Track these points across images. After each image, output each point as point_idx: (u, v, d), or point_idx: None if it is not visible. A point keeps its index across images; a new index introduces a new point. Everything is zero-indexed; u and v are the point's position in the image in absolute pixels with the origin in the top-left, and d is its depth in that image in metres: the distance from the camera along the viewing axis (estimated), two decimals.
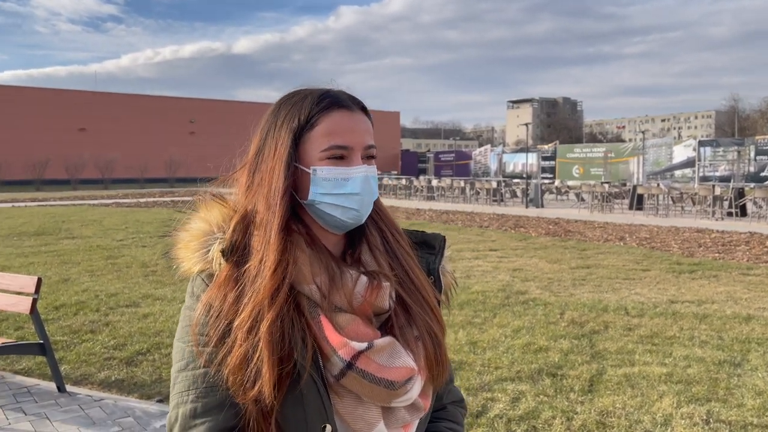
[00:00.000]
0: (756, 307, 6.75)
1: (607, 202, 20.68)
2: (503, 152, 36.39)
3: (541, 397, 4.18)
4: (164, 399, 4.23)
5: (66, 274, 8.83)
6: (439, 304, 1.12)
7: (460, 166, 38.72)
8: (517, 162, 33.50)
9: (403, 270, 1.08)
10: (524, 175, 27.95)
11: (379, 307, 1.03)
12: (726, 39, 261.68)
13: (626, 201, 21.75)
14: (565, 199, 26.26)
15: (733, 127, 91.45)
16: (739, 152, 24.23)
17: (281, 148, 1.03)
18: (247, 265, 0.99)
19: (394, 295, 1.05)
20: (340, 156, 1.03)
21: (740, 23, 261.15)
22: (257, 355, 0.93)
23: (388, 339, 1.01)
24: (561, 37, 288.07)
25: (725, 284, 8.06)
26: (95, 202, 26.63)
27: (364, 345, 0.97)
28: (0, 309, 4.94)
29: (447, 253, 1.19)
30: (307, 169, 1.03)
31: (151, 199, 28.11)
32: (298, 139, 1.03)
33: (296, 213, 1.05)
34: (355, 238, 1.10)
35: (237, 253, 1.01)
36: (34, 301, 4.21)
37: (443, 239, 1.20)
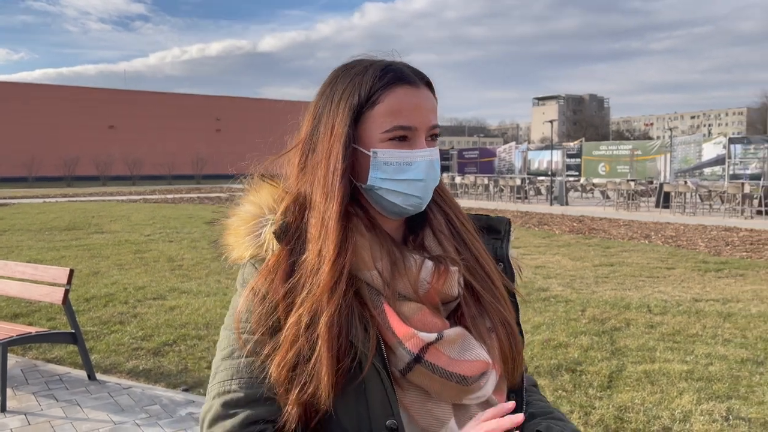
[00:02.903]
0: None
1: (632, 200, 20.44)
2: (528, 149, 36.10)
3: (560, 392, 4.20)
4: (189, 388, 4.36)
5: (96, 268, 9.06)
6: (512, 295, 1.04)
7: (484, 164, 38.58)
8: (542, 159, 33.20)
9: (472, 256, 0.99)
10: (549, 173, 27.73)
11: (447, 295, 0.95)
12: (756, 34, 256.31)
13: (652, 199, 21.45)
14: (590, 196, 26.00)
15: (765, 124, 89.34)
16: None
17: (339, 126, 0.93)
18: (303, 255, 0.91)
19: (462, 282, 0.96)
20: (403, 137, 0.93)
21: None
22: (315, 355, 0.86)
23: (458, 329, 0.93)
24: (587, 33, 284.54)
25: (752, 283, 7.95)
26: (123, 198, 27.16)
27: (433, 336, 0.89)
28: (33, 299, 5.12)
29: (512, 237, 1.10)
30: (366, 152, 0.94)
31: (178, 196, 28.59)
32: (357, 118, 0.94)
33: (353, 196, 0.96)
34: (416, 222, 1.01)
35: (291, 236, 0.93)
36: (66, 292, 4.36)
37: (508, 222, 1.11)
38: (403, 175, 0.93)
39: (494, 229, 1.09)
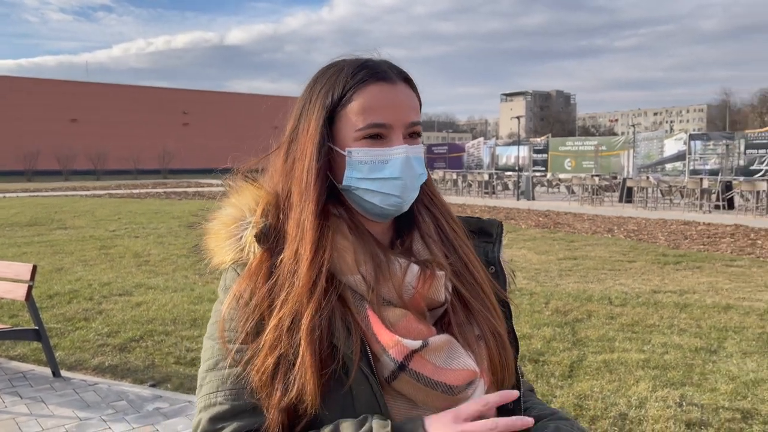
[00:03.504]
0: (736, 297, 6.92)
1: (597, 194, 20.87)
2: (496, 145, 36.51)
3: None
4: (157, 383, 4.35)
5: (59, 264, 8.91)
6: (503, 303, 1.01)
7: (452, 159, 38.85)
8: (510, 155, 33.62)
9: (461, 262, 0.97)
10: (516, 168, 28.11)
11: (434, 300, 0.92)
12: (717, 32, 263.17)
13: (616, 194, 21.94)
14: (556, 191, 26.45)
15: (724, 121, 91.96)
16: (727, 146, 24.44)
17: (312, 126, 0.93)
18: (281, 255, 0.90)
19: (450, 287, 0.94)
20: (377, 135, 0.92)
21: (731, 16, 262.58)
22: (299, 358, 0.84)
23: (445, 337, 0.90)
24: (555, 30, 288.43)
25: (708, 275, 8.24)
26: (87, 193, 26.62)
27: (418, 343, 0.87)
28: None
29: (504, 240, 1.08)
30: (342, 151, 0.92)
31: (144, 191, 28.13)
32: (332, 117, 0.93)
33: (338, 197, 0.95)
34: (404, 226, 0.99)
35: (272, 238, 0.92)
36: (30, 288, 4.31)
37: (500, 225, 1.09)
38: (379, 174, 0.91)
39: (485, 232, 1.07)
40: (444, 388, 0.87)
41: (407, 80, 0.96)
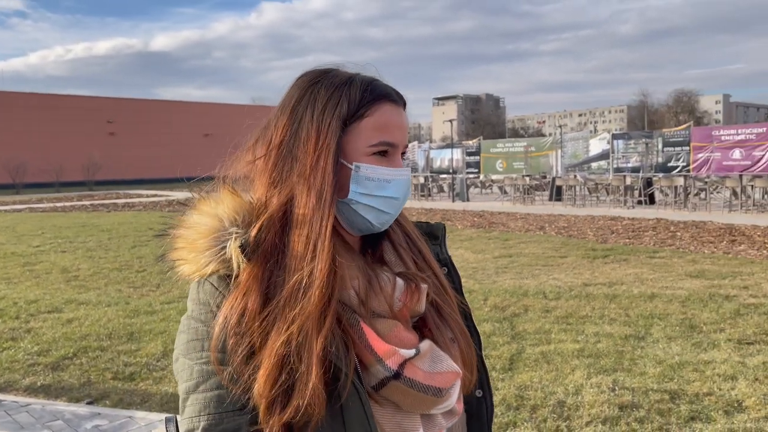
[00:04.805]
0: (659, 286, 7.33)
1: (528, 194, 21.55)
2: (430, 148, 37.06)
3: None
4: (94, 401, 4.21)
5: None
6: (461, 301, 1.07)
7: None
8: (444, 157, 34.22)
9: (430, 269, 1.01)
10: (450, 170, 28.63)
11: (417, 312, 0.97)
12: (633, 36, 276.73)
13: (546, 193, 22.71)
14: (489, 192, 27.10)
15: (643, 120, 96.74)
16: (647, 144, 25.76)
17: (328, 136, 0.89)
18: (283, 274, 0.87)
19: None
20: (384, 152, 0.93)
21: (645, 21, 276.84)
22: (308, 378, 0.84)
23: (427, 343, 0.94)
24: (482, 35, 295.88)
25: (634, 267, 8.68)
26: (6, 207, 25.20)
27: (412, 352, 0.90)
28: None
29: (447, 241, 1.14)
30: (348, 164, 0.91)
31: (69, 204, 26.89)
32: (342, 129, 0.91)
33: None
34: (374, 234, 1.00)
35: (267, 253, 0.88)
36: None
37: (444, 228, 1.14)
38: (382, 192, 0.93)
39: (433, 235, 1.12)
40: (434, 392, 0.90)
41: (404, 105, 0.99)
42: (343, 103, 0.91)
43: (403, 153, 0.97)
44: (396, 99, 0.95)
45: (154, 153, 54.32)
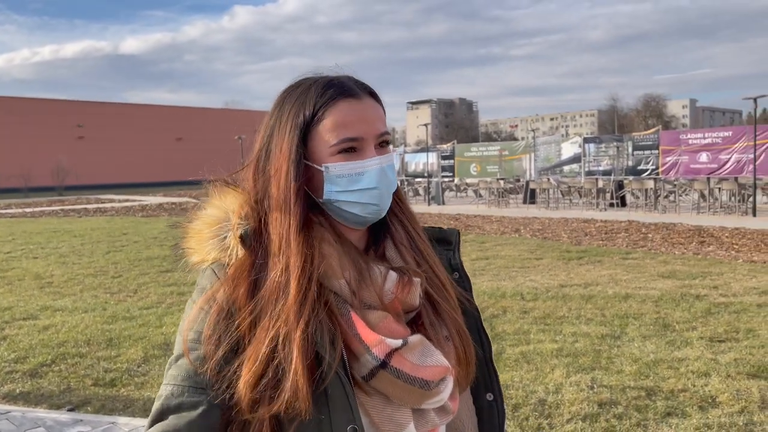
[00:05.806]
0: (633, 286, 7.50)
1: (502, 197, 21.80)
2: (405, 152, 37.20)
3: None
4: (75, 407, 4.17)
5: None
6: (470, 304, 1.10)
7: None
8: (419, 162, 34.35)
9: (429, 267, 1.04)
10: (426, 174, 28.78)
11: (409, 305, 0.99)
12: (603, 42, 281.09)
13: (520, 196, 23.00)
14: (464, 195, 27.33)
15: (613, 124, 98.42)
16: (618, 148, 26.24)
17: (287, 145, 0.97)
18: (266, 269, 0.94)
19: (422, 292, 1.02)
20: (351, 148, 0.97)
21: (615, 27, 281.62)
22: (292, 369, 0.87)
23: (419, 336, 0.96)
24: (454, 39, 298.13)
25: (608, 268, 8.86)
26: None
27: (399, 342, 0.92)
28: None
29: (461, 247, 1.17)
30: (319, 167, 0.97)
31: (38, 209, 26.37)
32: (305, 135, 0.97)
33: (317, 206, 1.00)
34: (378, 233, 1.05)
35: (255, 242, 0.96)
36: None
37: (458, 234, 1.17)
38: (357, 185, 0.96)
39: (446, 240, 1.15)
40: (421, 384, 0.92)
41: (372, 94, 1.01)
42: (300, 111, 0.97)
43: (386, 142, 1.00)
44: (354, 92, 0.98)
45: (125, 157, 53.51)
